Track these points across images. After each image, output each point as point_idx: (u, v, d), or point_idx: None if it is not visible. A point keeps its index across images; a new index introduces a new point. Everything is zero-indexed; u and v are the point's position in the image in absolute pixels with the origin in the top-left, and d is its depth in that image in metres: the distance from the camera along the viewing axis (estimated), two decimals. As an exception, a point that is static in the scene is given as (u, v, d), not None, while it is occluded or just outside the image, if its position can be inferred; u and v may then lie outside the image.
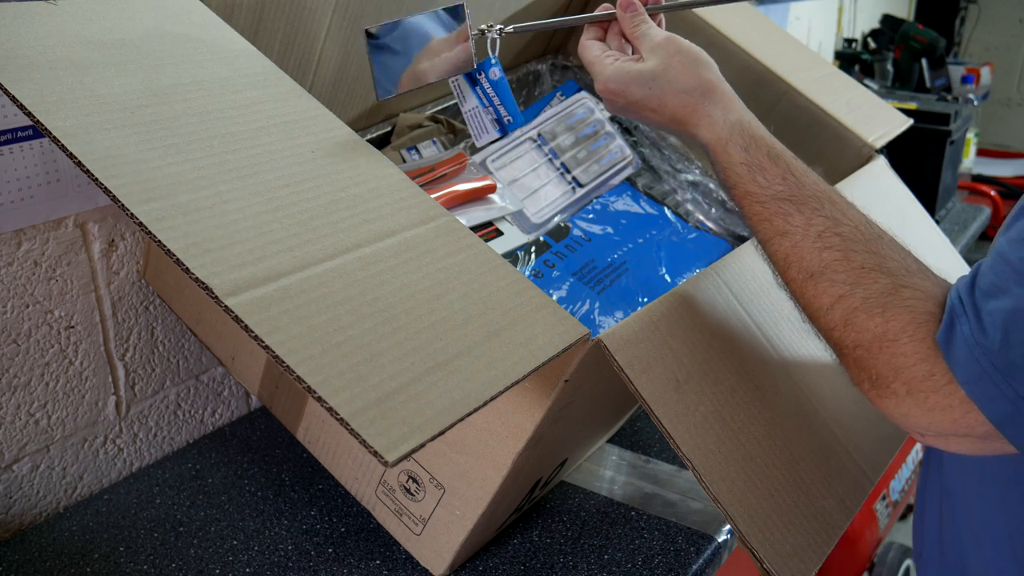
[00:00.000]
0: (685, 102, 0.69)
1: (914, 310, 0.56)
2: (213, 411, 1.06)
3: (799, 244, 0.62)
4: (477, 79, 0.89)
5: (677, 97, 0.70)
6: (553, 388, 0.66)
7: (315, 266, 0.56)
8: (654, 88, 0.70)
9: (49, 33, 0.64)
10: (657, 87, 0.70)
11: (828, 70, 1.23)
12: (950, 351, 0.53)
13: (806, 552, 0.68)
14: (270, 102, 0.68)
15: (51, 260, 0.85)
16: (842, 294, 0.59)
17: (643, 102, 0.71)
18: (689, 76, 0.70)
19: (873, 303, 0.57)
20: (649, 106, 0.71)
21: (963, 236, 1.86)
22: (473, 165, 1.00)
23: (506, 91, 0.91)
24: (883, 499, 1.72)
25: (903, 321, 0.56)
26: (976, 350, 0.52)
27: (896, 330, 0.56)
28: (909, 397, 0.55)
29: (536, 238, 0.93)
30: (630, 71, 0.71)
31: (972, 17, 3.53)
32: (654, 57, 0.71)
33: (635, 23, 0.74)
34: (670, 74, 0.70)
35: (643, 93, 0.71)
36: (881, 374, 0.56)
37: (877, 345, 0.56)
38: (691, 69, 0.70)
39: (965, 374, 0.52)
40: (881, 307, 0.57)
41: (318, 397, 0.48)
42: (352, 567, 0.81)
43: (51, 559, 0.83)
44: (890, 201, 1.06)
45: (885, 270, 0.59)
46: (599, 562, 0.81)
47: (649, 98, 0.71)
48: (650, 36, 0.73)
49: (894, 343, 0.56)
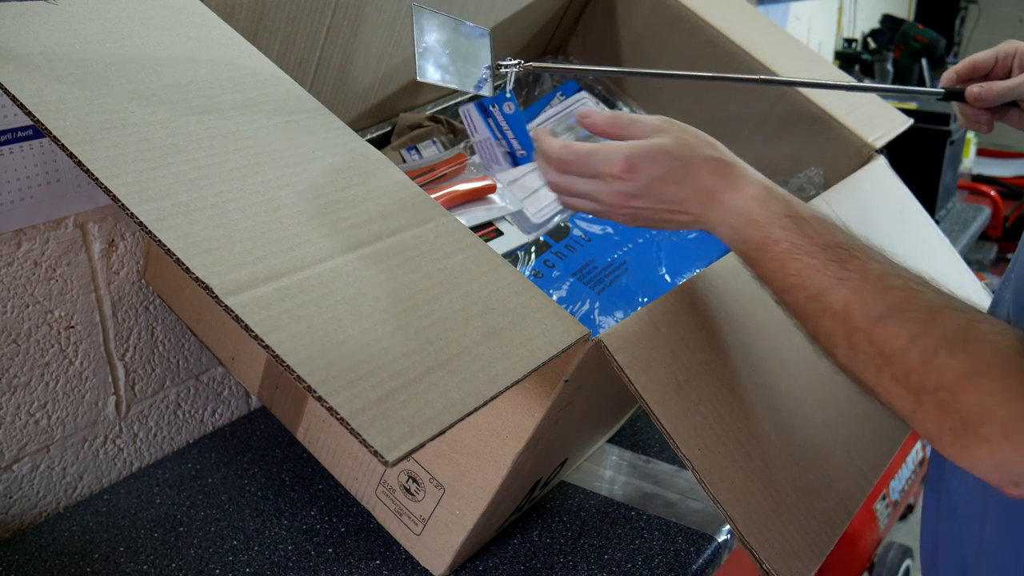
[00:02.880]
0: (713, 168, 0.65)
1: (996, 345, 0.51)
2: (213, 411, 1.06)
3: (861, 288, 0.57)
4: (491, 111, 0.89)
5: (704, 164, 0.64)
6: (553, 388, 0.66)
7: (315, 266, 0.56)
8: (681, 158, 0.64)
9: (49, 33, 0.64)
10: (683, 156, 0.64)
11: (828, 70, 1.23)
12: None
13: (805, 552, 0.68)
14: (270, 102, 0.68)
15: (51, 260, 0.85)
16: (918, 333, 0.54)
17: (668, 175, 0.64)
18: (710, 146, 0.66)
19: (953, 339, 0.53)
20: (674, 178, 0.64)
21: (963, 236, 1.86)
22: (473, 165, 1.00)
23: (520, 124, 0.90)
24: (883, 499, 1.72)
25: (988, 356, 0.51)
26: None
27: (983, 366, 0.51)
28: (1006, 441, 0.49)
29: (536, 238, 0.93)
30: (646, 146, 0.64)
31: (972, 17, 3.53)
32: (664, 134, 0.65)
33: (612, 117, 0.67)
34: (690, 144, 0.65)
35: (669, 164, 0.64)
36: (969, 417, 0.51)
37: (963, 383, 0.51)
38: (708, 140, 0.66)
39: None
40: (962, 343, 0.52)
41: (318, 397, 0.48)
42: (352, 567, 0.81)
43: (51, 559, 0.83)
44: (890, 201, 1.06)
45: (955, 307, 0.55)
46: (599, 562, 0.81)
47: (675, 169, 0.64)
48: (644, 121, 0.67)
49: (982, 379, 0.51)
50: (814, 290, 0.60)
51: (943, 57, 2.64)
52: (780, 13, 2.31)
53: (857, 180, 1.01)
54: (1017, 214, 2.57)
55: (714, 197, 0.65)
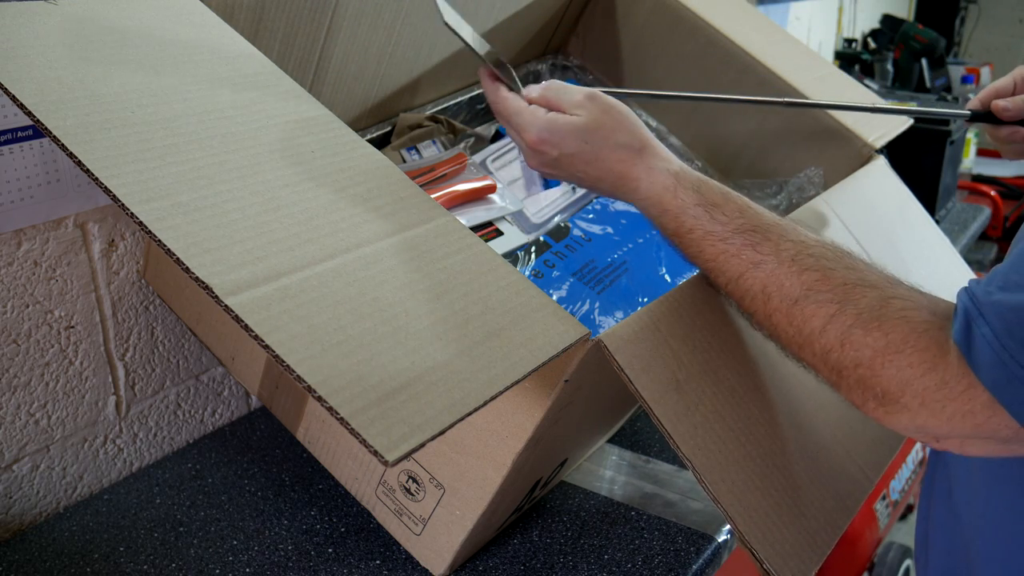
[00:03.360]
0: (623, 156, 0.67)
1: (910, 320, 0.55)
2: (213, 411, 1.06)
3: (775, 271, 0.61)
4: None
5: (614, 152, 0.67)
6: (553, 388, 0.66)
7: (315, 266, 0.56)
8: (590, 142, 0.67)
9: (49, 32, 0.64)
10: (593, 141, 0.67)
11: (828, 70, 1.23)
12: (972, 356, 0.52)
13: (805, 552, 0.68)
14: (270, 102, 0.68)
15: (51, 260, 0.85)
16: (833, 313, 0.57)
17: (578, 155, 0.68)
18: (624, 132, 0.68)
19: (867, 317, 0.56)
20: (583, 159, 0.68)
21: (963, 236, 1.86)
22: (473, 165, 1.00)
23: None
24: (883, 499, 1.72)
25: (903, 332, 0.54)
26: (1003, 353, 0.50)
27: (898, 342, 0.54)
28: (924, 408, 0.54)
29: (536, 238, 0.93)
30: (565, 123, 0.67)
31: (972, 17, 3.53)
32: (583, 112, 0.68)
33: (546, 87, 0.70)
34: (604, 129, 0.67)
35: (578, 147, 0.67)
36: (888, 390, 0.55)
37: (880, 360, 0.55)
38: (624, 125, 0.68)
39: (992, 378, 0.51)
40: (877, 320, 0.55)
41: (318, 396, 0.48)
42: (352, 567, 0.81)
43: (51, 559, 0.83)
44: (890, 201, 1.06)
45: (868, 283, 0.58)
46: (599, 562, 0.81)
47: (584, 152, 0.67)
48: (570, 92, 0.69)
49: (897, 355, 0.54)
50: (732, 274, 0.63)
51: (943, 57, 2.64)
52: (780, 13, 2.31)
53: (857, 180, 1.01)
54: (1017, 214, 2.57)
55: (625, 183, 0.68)
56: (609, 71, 1.24)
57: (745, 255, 0.62)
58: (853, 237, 0.92)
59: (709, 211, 0.64)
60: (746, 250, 0.62)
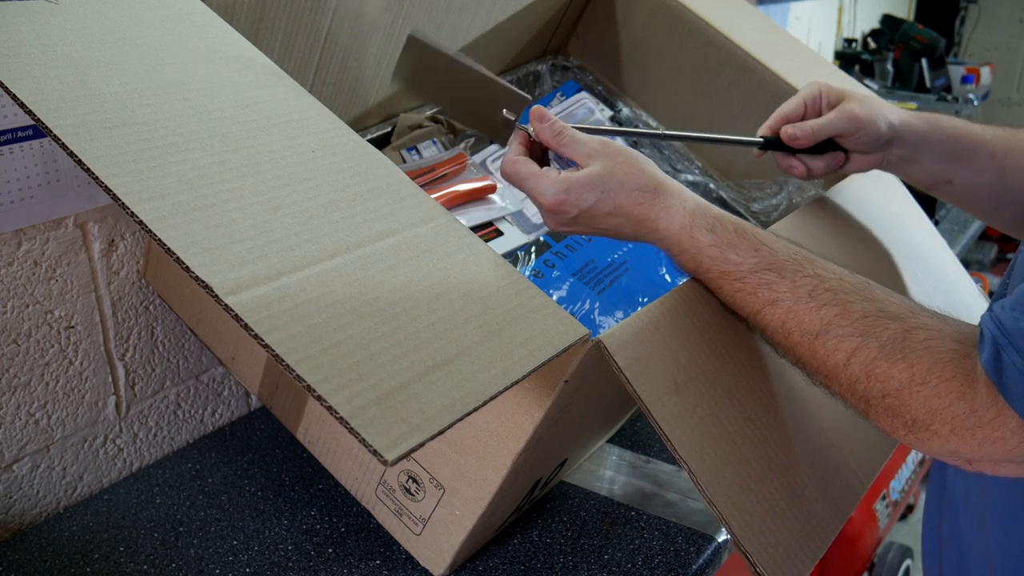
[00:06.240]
0: (639, 200, 0.67)
1: (935, 350, 0.55)
2: (213, 411, 1.06)
3: (793, 308, 0.61)
4: None
5: (631, 196, 0.67)
6: (553, 388, 0.66)
7: (315, 265, 0.56)
8: (607, 191, 0.67)
9: (50, 32, 0.64)
10: (610, 189, 0.67)
11: (828, 70, 1.23)
12: (1003, 385, 0.52)
13: (798, 555, 0.68)
14: (270, 102, 0.68)
15: (51, 260, 0.85)
16: (856, 347, 0.58)
17: (597, 207, 0.67)
18: (638, 174, 0.68)
19: (891, 350, 0.56)
20: (603, 210, 0.67)
21: (963, 237, 1.86)
22: (473, 165, 1.00)
23: None
24: (883, 499, 1.72)
25: (928, 363, 0.55)
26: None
27: (923, 373, 0.55)
28: (954, 436, 0.54)
29: (536, 238, 0.93)
30: (579, 178, 0.67)
31: (972, 17, 3.53)
32: (596, 162, 0.68)
33: (557, 131, 0.70)
34: (619, 175, 0.67)
35: (596, 198, 0.67)
36: (917, 418, 0.55)
37: (907, 391, 0.56)
38: (637, 168, 0.68)
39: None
40: (900, 352, 0.56)
41: (318, 396, 0.48)
42: (352, 567, 0.81)
43: (51, 559, 0.83)
44: (889, 202, 1.06)
45: (889, 315, 0.58)
46: (599, 562, 0.81)
47: (603, 202, 0.67)
48: (581, 142, 0.69)
49: (924, 386, 0.55)
50: (749, 311, 0.65)
51: (943, 57, 2.64)
52: (780, 13, 2.31)
53: (856, 181, 1.01)
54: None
55: (644, 225, 0.68)
56: (609, 71, 1.24)
57: (761, 293, 0.63)
58: (853, 237, 0.92)
59: (723, 251, 0.65)
60: (762, 289, 0.63)
